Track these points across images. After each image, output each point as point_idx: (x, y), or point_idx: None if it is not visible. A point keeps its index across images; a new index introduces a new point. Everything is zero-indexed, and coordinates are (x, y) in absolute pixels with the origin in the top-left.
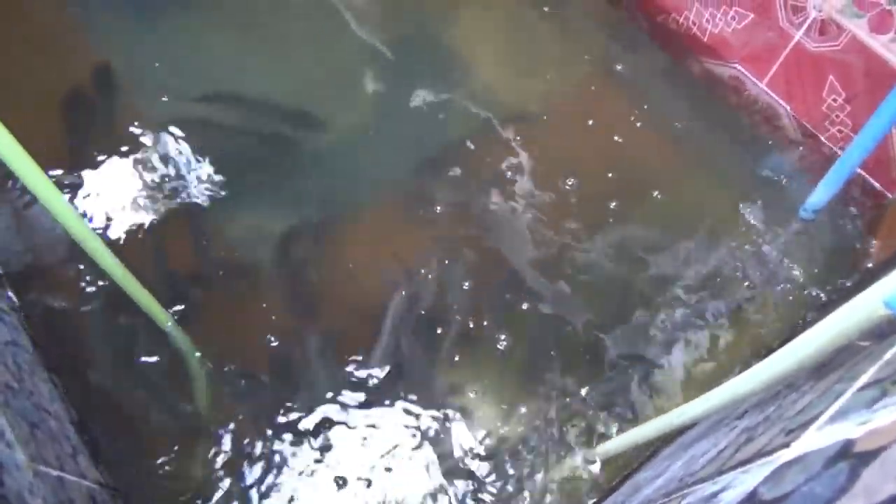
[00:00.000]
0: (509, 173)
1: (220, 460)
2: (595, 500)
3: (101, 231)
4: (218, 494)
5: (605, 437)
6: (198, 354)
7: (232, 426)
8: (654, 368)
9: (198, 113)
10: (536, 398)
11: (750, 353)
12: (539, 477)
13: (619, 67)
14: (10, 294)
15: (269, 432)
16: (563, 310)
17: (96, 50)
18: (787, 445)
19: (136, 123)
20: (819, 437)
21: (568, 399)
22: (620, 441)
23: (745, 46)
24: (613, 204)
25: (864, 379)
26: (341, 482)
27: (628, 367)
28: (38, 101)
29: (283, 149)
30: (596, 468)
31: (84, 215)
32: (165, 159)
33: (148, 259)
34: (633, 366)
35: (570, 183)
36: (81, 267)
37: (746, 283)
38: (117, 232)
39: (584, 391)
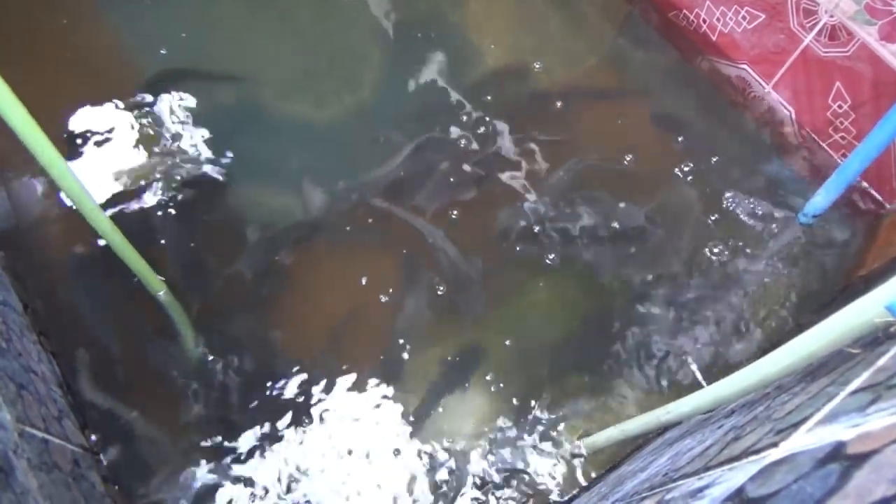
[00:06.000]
0: (509, 162)
1: (205, 429)
2: (579, 490)
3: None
4: (202, 463)
5: (592, 429)
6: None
7: (220, 395)
8: (648, 365)
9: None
10: (525, 389)
11: (744, 354)
12: (526, 467)
13: (626, 60)
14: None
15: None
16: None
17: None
18: (775, 445)
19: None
20: (809, 438)
21: (558, 390)
22: (607, 435)
23: (754, 47)
24: (611, 196)
25: (856, 383)
26: (329, 456)
27: (621, 362)
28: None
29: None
30: (582, 460)
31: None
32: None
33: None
34: (625, 362)
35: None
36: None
37: (742, 284)
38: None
39: (574, 382)
